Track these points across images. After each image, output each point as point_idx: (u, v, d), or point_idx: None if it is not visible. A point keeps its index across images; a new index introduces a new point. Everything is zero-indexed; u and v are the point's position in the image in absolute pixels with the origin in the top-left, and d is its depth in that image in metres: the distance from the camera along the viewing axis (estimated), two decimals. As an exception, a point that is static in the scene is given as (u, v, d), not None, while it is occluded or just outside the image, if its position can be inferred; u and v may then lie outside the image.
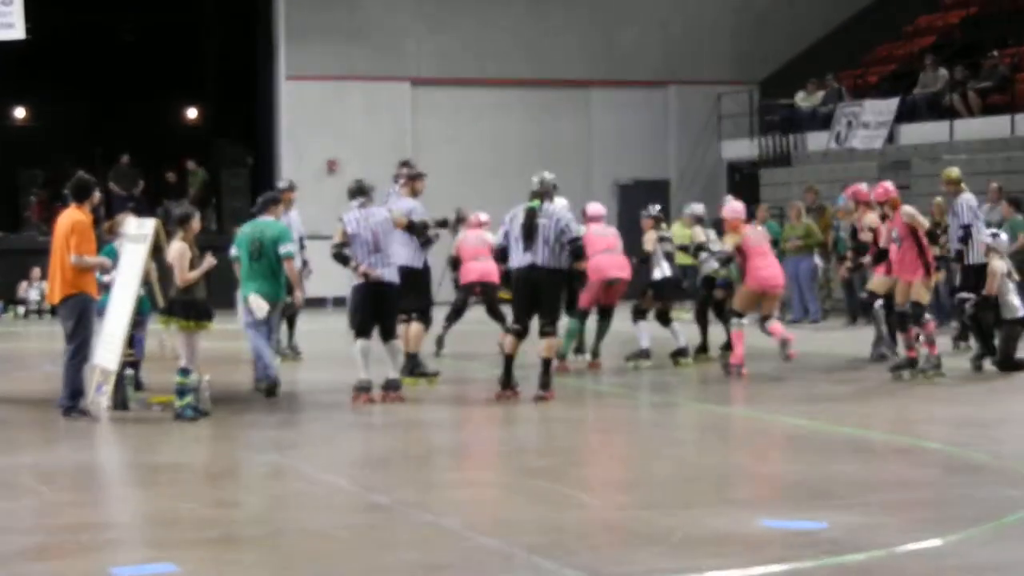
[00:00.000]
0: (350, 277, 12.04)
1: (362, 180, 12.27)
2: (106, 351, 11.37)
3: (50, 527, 7.30)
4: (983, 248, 13.88)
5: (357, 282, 11.85)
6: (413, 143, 25.52)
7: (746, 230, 13.66)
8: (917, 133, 21.65)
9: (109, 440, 10.43)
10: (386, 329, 11.81)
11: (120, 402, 11.22)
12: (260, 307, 11.94)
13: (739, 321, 13.54)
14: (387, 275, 11.78)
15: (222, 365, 13.55)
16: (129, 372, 11.50)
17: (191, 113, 30.51)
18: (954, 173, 14.79)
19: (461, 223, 15.48)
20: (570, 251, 11.76)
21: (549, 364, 11.77)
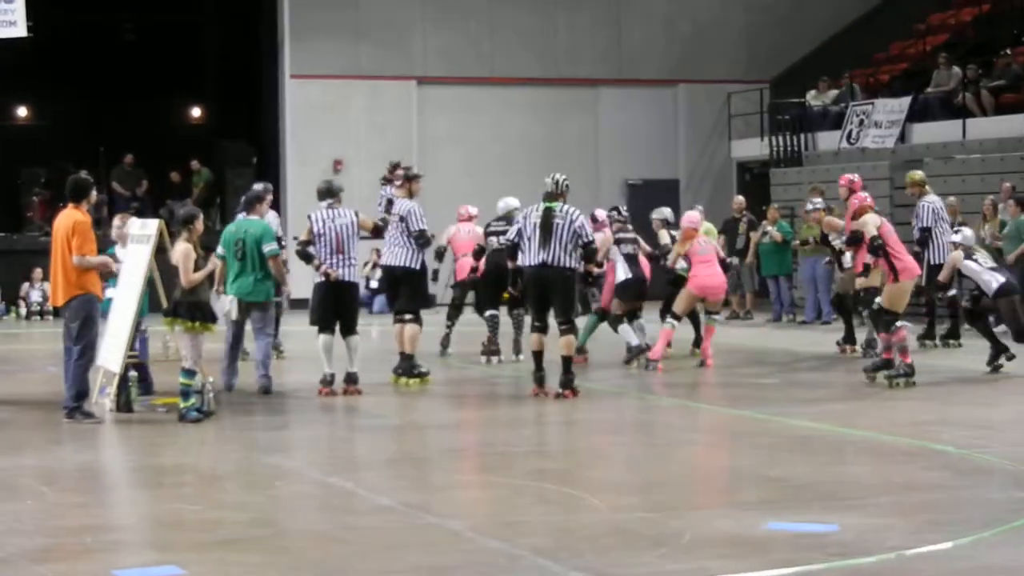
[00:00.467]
0: (313, 275, 12.41)
1: (331, 181, 12.78)
2: (109, 353, 11.33)
3: (53, 529, 7.27)
4: (948, 247, 14.18)
5: (319, 280, 12.29)
6: (419, 142, 25.48)
7: (698, 239, 14.41)
8: (929, 132, 21.56)
9: (113, 442, 10.40)
10: (346, 325, 12.28)
11: (124, 404, 11.18)
12: (231, 308, 12.13)
13: (672, 322, 14.26)
14: (347, 275, 12.23)
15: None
16: (132, 374, 11.47)
17: (195, 112, 30.49)
18: (918, 175, 15.41)
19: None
20: (583, 253, 12.02)
21: (570, 362, 11.97)
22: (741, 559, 6.40)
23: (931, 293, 15.14)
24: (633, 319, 14.61)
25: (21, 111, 29.48)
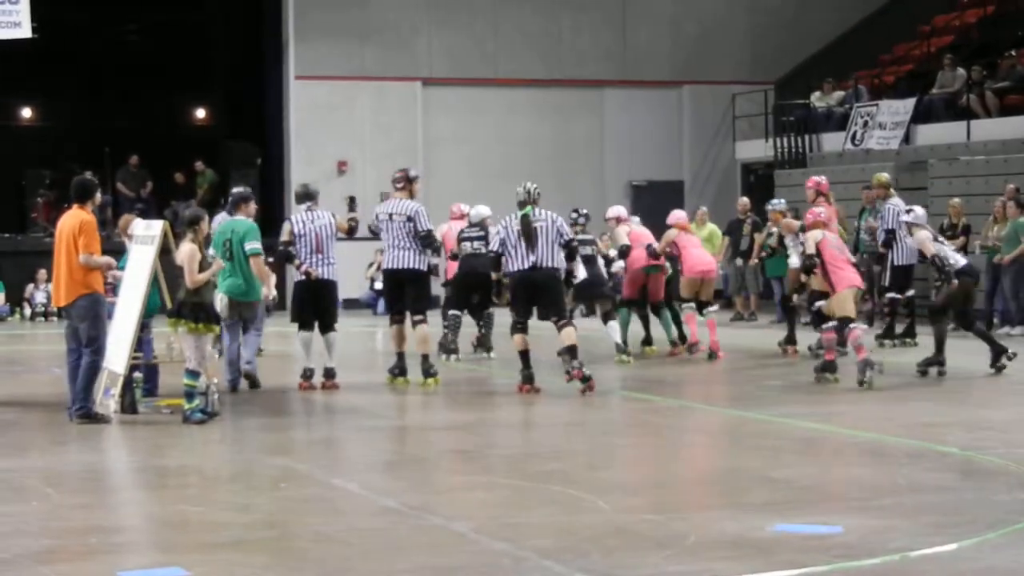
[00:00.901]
0: (295, 274, 12.97)
1: (308, 185, 13.45)
2: (114, 354, 11.33)
3: (58, 530, 7.28)
4: (912, 251, 14.62)
5: (299, 279, 12.92)
6: (423, 143, 25.48)
7: (683, 232, 15.46)
8: (934, 134, 21.53)
9: (117, 443, 10.39)
10: (325, 322, 12.78)
11: (128, 405, 11.18)
12: (223, 308, 12.23)
13: (690, 306, 15.28)
14: (326, 273, 12.73)
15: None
16: (137, 375, 11.47)
17: (200, 113, 30.49)
18: (883, 178, 15.81)
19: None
20: (566, 252, 12.45)
21: (575, 350, 12.29)
22: (746, 561, 6.40)
23: (896, 294, 15.74)
24: (608, 318, 14.99)
25: (26, 112, 29.47)
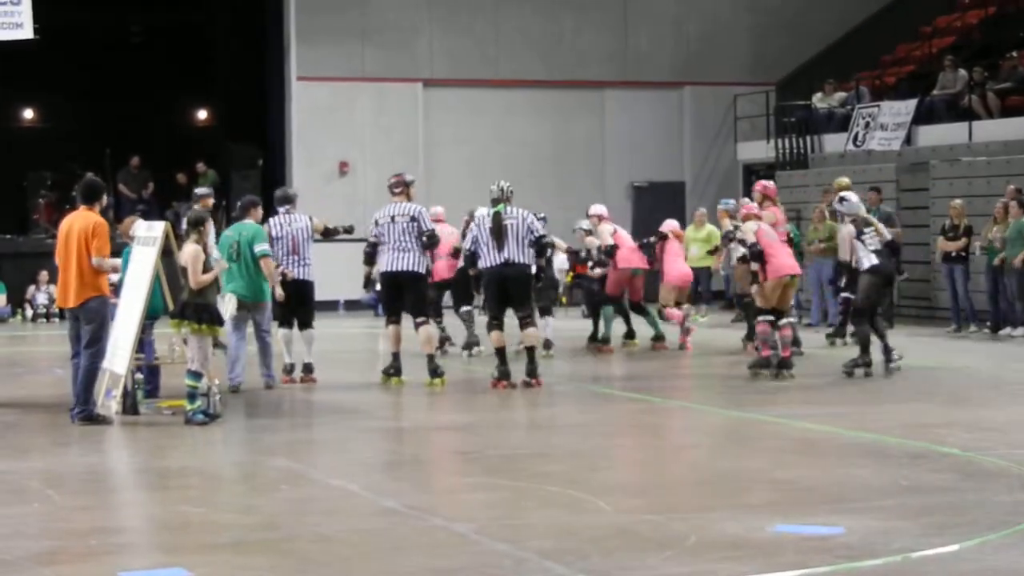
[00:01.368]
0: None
1: (287, 189, 14.01)
2: (115, 355, 11.33)
3: (59, 532, 7.28)
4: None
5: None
6: (424, 144, 25.48)
7: (673, 240, 16.34)
8: (935, 134, 21.51)
9: (119, 444, 10.39)
10: (302, 320, 13.31)
11: (130, 406, 11.19)
12: (229, 307, 12.42)
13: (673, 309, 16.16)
14: (302, 274, 13.21)
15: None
16: (139, 376, 11.47)
17: (201, 115, 30.50)
18: (843, 181, 16.03)
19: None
20: (536, 249, 12.85)
21: (534, 352, 12.87)
22: (747, 562, 6.40)
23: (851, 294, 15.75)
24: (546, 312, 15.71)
25: (27, 113, 29.48)
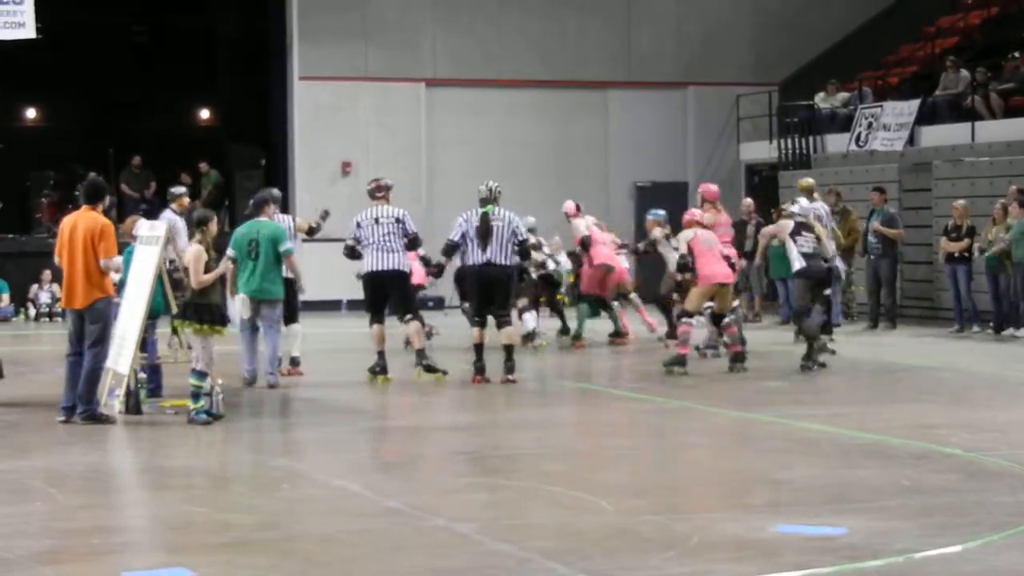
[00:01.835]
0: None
1: (272, 190, 14.15)
2: (118, 355, 11.33)
3: (62, 531, 7.28)
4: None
5: None
6: (427, 144, 25.48)
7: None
8: (938, 135, 21.49)
9: (121, 444, 10.39)
10: (288, 315, 13.52)
11: (133, 406, 11.19)
12: (242, 309, 12.65)
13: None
14: (285, 272, 13.30)
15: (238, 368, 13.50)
16: (142, 376, 11.47)
17: (204, 115, 30.50)
18: (806, 183, 16.44)
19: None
20: (519, 251, 13.22)
21: (512, 350, 13.18)
22: (749, 562, 6.39)
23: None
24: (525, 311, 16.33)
25: (30, 113, 29.48)
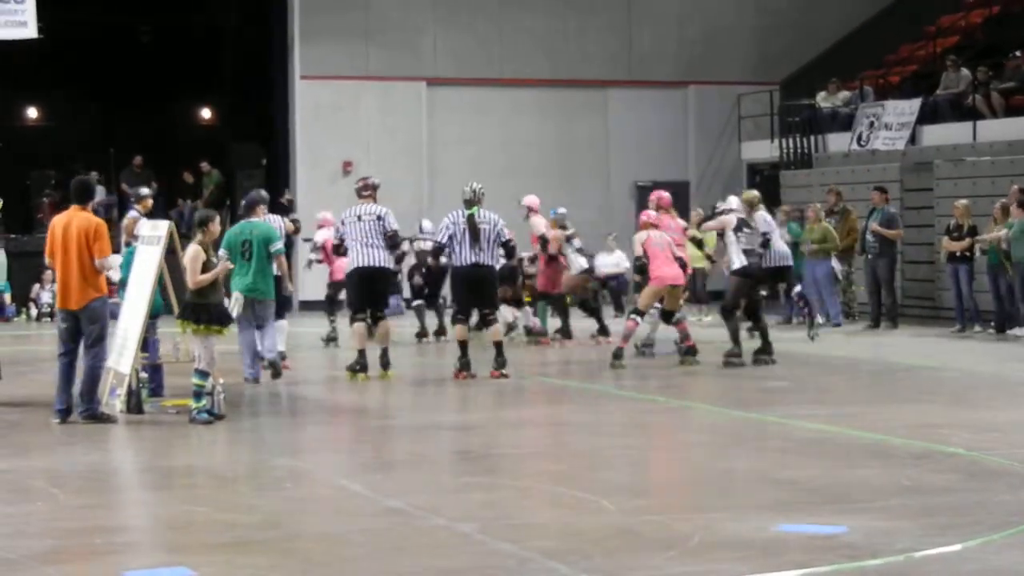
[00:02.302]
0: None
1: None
2: (119, 354, 11.34)
3: (63, 531, 7.29)
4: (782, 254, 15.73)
5: None
6: (428, 143, 25.48)
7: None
8: (940, 134, 21.48)
9: (123, 443, 10.41)
10: (276, 313, 13.73)
11: (134, 405, 11.20)
12: (236, 307, 12.77)
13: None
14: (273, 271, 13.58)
15: (239, 367, 13.51)
16: (143, 375, 11.48)
17: (205, 114, 30.51)
18: (748, 195, 16.72)
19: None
20: (505, 251, 13.79)
21: (501, 346, 13.65)
22: (750, 561, 6.40)
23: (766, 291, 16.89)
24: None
25: (31, 112, 29.49)
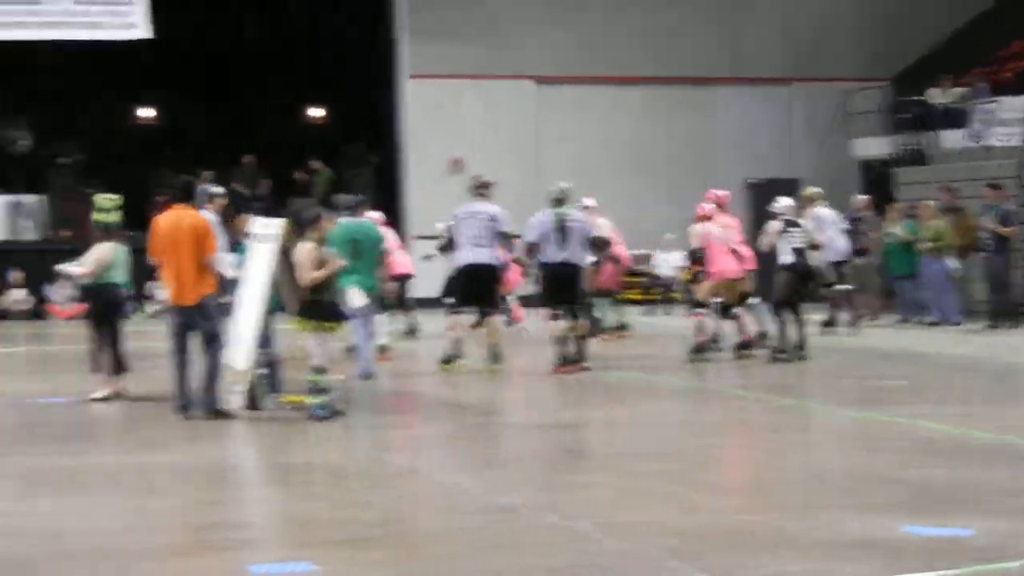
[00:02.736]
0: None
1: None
2: (236, 351, 11.50)
3: (187, 525, 7.41)
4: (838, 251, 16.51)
5: None
6: (536, 141, 25.52)
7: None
8: (1055, 130, 21.10)
9: (243, 439, 10.56)
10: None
11: (253, 402, 11.35)
12: (357, 298, 13.01)
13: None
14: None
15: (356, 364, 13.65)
16: (262, 372, 11.63)
17: (316, 113, 30.85)
18: (809, 192, 17.20)
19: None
20: (594, 247, 14.61)
21: (585, 339, 14.22)
22: (872, 562, 6.31)
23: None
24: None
25: (148, 113, 30.10)
